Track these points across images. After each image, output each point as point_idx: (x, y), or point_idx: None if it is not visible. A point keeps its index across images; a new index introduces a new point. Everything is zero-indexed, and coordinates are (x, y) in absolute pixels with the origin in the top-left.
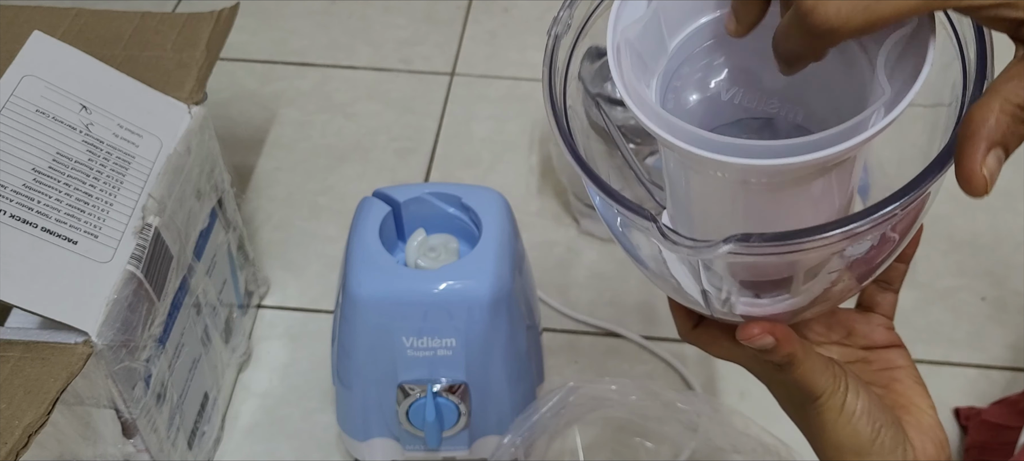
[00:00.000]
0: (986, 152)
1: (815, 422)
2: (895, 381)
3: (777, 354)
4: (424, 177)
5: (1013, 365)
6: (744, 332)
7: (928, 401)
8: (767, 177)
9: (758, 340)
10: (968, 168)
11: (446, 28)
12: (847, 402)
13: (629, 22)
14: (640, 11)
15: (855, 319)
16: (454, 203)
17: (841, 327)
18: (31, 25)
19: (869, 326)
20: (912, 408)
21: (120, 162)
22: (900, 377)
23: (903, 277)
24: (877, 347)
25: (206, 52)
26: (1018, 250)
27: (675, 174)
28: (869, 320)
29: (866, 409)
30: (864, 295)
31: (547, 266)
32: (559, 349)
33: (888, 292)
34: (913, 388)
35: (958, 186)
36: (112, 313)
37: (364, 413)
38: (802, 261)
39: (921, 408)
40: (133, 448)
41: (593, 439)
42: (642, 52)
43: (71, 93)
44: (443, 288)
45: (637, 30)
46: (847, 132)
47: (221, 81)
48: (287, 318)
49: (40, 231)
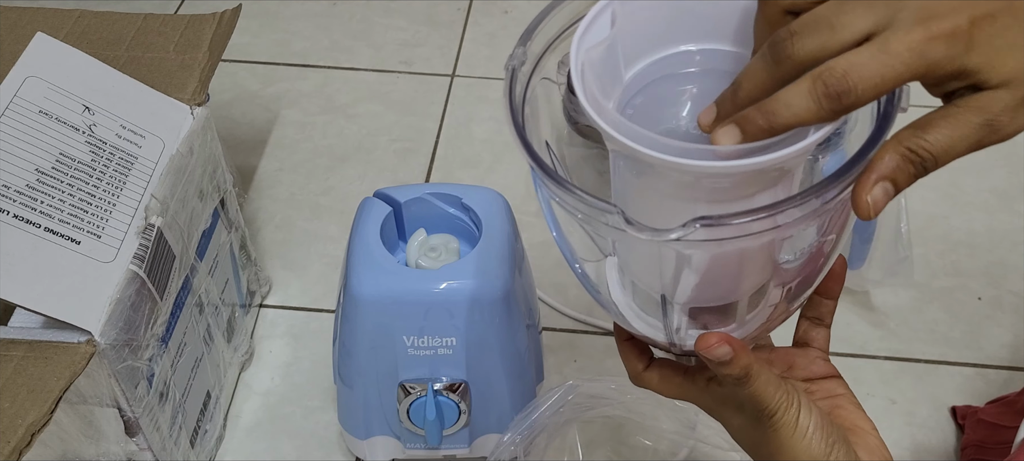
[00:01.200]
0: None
1: (772, 441)
2: (838, 407)
3: (734, 366)
4: (425, 177)
5: (1010, 364)
6: (702, 341)
7: (870, 424)
8: (718, 180)
9: (715, 349)
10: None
11: (446, 30)
12: (801, 419)
13: (592, 44)
14: (604, 33)
15: (794, 355)
16: (454, 203)
17: (782, 362)
18: (34, 26)
19: (807, 358)
20: (858, 430)
21: (123, 163)
22: (842, 403)
23: (833, 313)
24: (817, 378)
25: (208, 53)
26: (1015, 250)
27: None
28: (807, 354)
29: (819, 425)
30: (800, 332)
31: (547, 266)
32: (559, 348)
33: (821, 328)
34: (855, 412)
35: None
36: (115, 312)
37: (365, 411)
38: (750, 253)
39: (866, 430)
40: (136, 447)
41: (592, 437)
42: (601, 75)
43: (74, 94)
44: (444, 288)
45: (599, 53)
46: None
47: (223, 82)
48: (289, 317)
49: (43, 231)
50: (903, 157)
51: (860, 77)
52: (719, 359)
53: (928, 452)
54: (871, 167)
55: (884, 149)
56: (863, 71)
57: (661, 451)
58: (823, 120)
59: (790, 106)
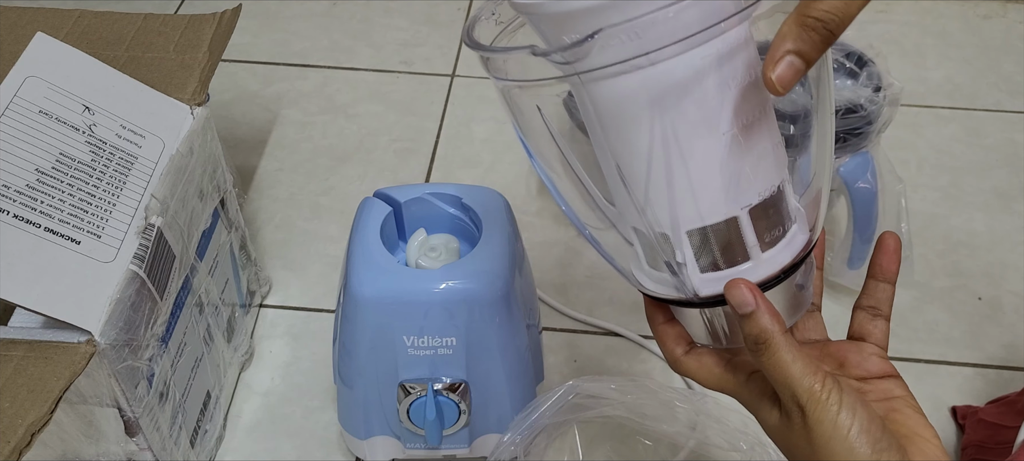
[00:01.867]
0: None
1: (809, 441)
2: (894, 411)
3: (754, 324)
4: (425, 177)
5: (1010, 364)
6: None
7: (931, 430)
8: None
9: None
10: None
11: (446, 30)
12: (841, 417)
13: None
14: None
15: (847, 350)
16: (454, 203)
17: (832, 359)
18: (34, 26)
19: (861, 355)
20: (916, 438)
21: (123, 163)
22: (899, 407)
23: (891, 302)
24: (872, 377)
25: (208, 53)
26: (1015, 250)
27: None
28: (861, 350)
29: (865, 428)
30: (854, 325)
31: (547, 266)
32: (559, 348)
33: (879, 319)
34: (914, 417)
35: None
36: (115, 312)
37: (365, 411)
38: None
39: (925, 438)
40: (136, 447)
41: (592, 437)
42: None
43: (74, 94)
44: (444, 288)
45: None
46: None
47: (223, 82)
48: (289, 317)
49: (43, 231)
50: (802, 26)
51: None
52: (738, 304)
53: None
54: (775, 43)
55: (785, 23)
56: None
57: (661, 451)
58: None
59: None
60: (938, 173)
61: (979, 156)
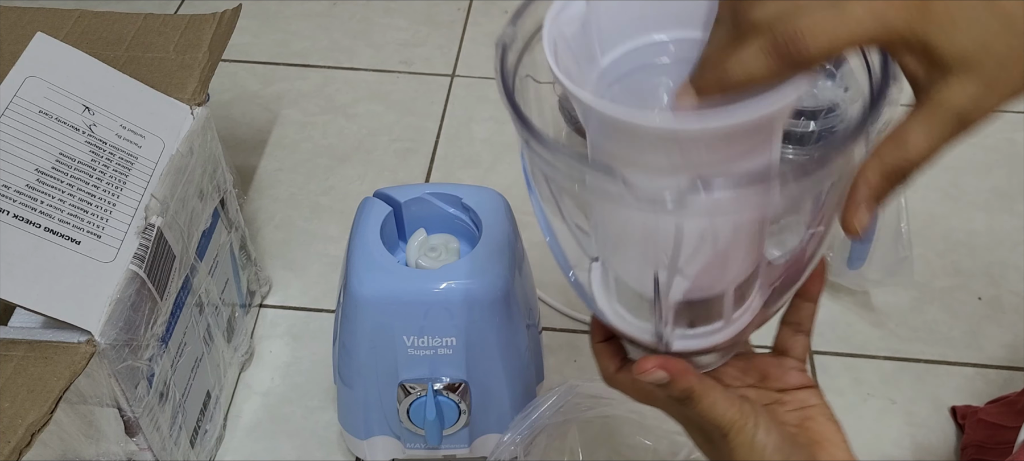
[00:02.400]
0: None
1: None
2: (808, 420)
3: (674, 388)
4: (425, 177)
5: (1010, 364)
6: (639, 367)
7: (841, 436)
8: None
9: (651, 375)
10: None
11: (446, 30)
12: (758, 438)
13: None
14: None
15: (769, 363)
16: (454, 203)
17: (755, 371)
18: (34, 27)
19: (782, 369)
20: (826, 444)
21: (123, 163)
22: (813, 415)
23: (813, 318)
24: (791, 389)
25: (208, 53)
26: (1015, 250)
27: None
28: (782, 364)
29: (777, 446)
30: (779, 340)
31: (547, 266)
32: (559, 348)
33: (800, 334)
34: (826, 425)
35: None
36: (115, 312)
37: (365, 411)
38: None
39: (835, 443)
40: (136, 446)
41: (592, 437)
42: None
43: (74, 94)
44: (444, 287)
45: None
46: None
47: (223, 82)
48: (289, 317)
49: (43, 231)
50: (884, 177)
51: (813, 34)
52: (657, 382)
53: (928, 452)
54: (855, 190)
55: (866, 168)
56: (817, 28)
57: (661, 451)
58: (775, 75)
59: (742, 62)
60: (938, 173)
61: (979, 156)
